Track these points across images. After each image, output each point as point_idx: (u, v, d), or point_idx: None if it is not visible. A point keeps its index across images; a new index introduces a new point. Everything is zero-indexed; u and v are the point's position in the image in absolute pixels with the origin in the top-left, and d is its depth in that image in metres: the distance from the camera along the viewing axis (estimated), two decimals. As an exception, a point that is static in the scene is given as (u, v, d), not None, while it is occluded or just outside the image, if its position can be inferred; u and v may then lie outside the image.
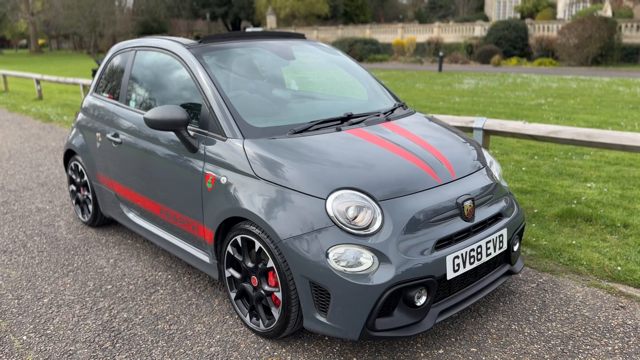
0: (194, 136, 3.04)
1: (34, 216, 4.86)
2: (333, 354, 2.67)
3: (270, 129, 2.92)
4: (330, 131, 2.96)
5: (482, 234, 2.73)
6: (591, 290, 3.21)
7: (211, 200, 2.92)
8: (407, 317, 2.48)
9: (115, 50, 4.11)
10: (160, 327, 2.98)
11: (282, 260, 2.55)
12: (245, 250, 2.79)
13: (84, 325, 3.02)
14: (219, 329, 2.94)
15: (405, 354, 2.65)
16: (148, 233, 3.65)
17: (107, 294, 3.37)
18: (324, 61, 3.85)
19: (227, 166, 2.84)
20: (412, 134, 3.08)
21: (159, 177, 3.32)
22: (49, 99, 14.33)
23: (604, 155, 6.56)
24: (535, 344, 2.69)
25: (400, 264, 2.40)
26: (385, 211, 2.49)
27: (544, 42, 27.12)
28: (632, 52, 25.15)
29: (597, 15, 25.44)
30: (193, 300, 3.26)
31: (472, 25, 32.88)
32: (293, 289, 2.55)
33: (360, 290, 2.37)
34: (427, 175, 2.71)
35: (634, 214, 4.34)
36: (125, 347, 2.79)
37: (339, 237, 2.43)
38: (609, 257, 3.59)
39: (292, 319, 2.62)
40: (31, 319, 3.10)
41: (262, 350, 2.73)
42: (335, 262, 2.40)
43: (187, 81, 3.25)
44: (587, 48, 24.46)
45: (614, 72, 22.53)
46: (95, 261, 3.86)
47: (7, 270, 3.75)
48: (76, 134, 4.41)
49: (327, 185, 2.53)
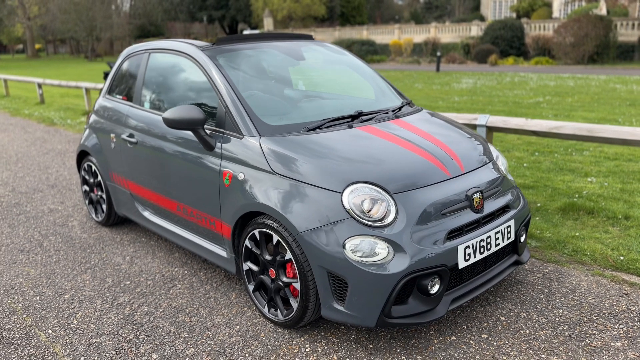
0: (211, 135, 3.15)
1: (47, 217, 4.95)
2: (350, 342, 2.78)
3: (285, 126, 3.03)
4: (342, 128, 3.07)
5: (491, 225, 2.84)
6: (595, 279, 3.33)
7: (229, 196, 3.03)
8: (421, 305, 2.59)
9: (128, 53, 4.22)
10: (180, 319, 3.08)
11: (300, 252, 2.65)
12: (263, 244, 2.90)
13: (107, 319, 3.12)
14: (238, 320, 3.05)
15: (419, 341, 2.76)
16: (164, 230, 3.76)
17: (126, 289, 3.47)
18: (332, 61, 3.96)
19: (244, 163, 2.95)
20: (421, 130, 3.20)
21: (175, 175, 3.43)
22: (50, 103, 14.41)
23: (603, 150, 6.69)
24: (544, 330, 2.80)
25: (414, 253, 2.51)
26: (398, 203, 2.60)
27: (541, 41, 27.29)
28: (627, 50, 25.33)
29: (592, 14, 25.62)
30: (211, 293, 3.36)
31: (468, 25, 33.06)
32: (311, 280, 2.66)
33: (377, 279, 2.47)
34: (437, 169, 2.82)
35: (634, 207, 4.45)
36: (148, 338, 2.90)
37: (355, 228, 2.54)
38: (612, 247, 3.71)
39: (310, 308, 2.72)
40: (54, 314, 3.20)
41: (281, 340, 2.83)
42: (352, 252, 2.51)
43: (202, 82, 3.36)
44: (583, 46, 24.64)
45: (610, 69, 22.71)
46: (111, 259, 3.96)
47: (26, 269, 3.84)
48: (89, 135, 4.51)
49: (343, 180, 2.64)
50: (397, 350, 2.69)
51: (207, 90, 3.33)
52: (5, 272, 3.79)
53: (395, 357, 2.64)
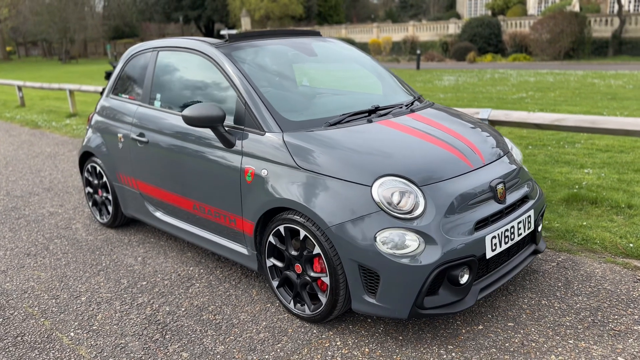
0: (229, 132, 3.13)
1: (48, 220, 4.87)
2: (379, 334, 2.80)
3: (306, 122, 3.03)
4: (361, 123, 3.09)
5: (513, 215, 2.89)
6: (608, 266, 3.41)
7: (251, 193, 3.02)
8: (451, 295, 2.62)
9: (133, 52, 4.16)
10: (205, 317, 3.06)
11: (330, 246, 2.66)
12: (289, 239, 2.90)
13: (128, 319, 3.09)
14: (263, 316, 3.04)
15: (448, 331, 2.79)
16: (178, 230, 3.73)
17: (144, 290, 3.44)
18: (342, 56, 3.98)
19: (267, 159, 2.95)
20: (438, 123, 3.23)
21: (192, 173, 3.40)
22: (31, 105, 14.12)
23: (594, 143, 6.84)
24: (567, 317, 2.86)
25: (445, 244, 2.54)
26: (427, 195, 2.63)
27: (517, 38, 27.73)
28: (602, 46, 25.90)
29: (567, 11, 26.13)
30: (231, 291, 3.35)
31: (446, 23, 33.41)
32: (341, 273, 2.67)
33: (409, 271, 2.50)
34: (460, 161, 2.86)
35: (634, 196, 4.57)
36: (175, 337, 2.88)
37: (385, 221, 2.56)
38: (620, 235, 3.80)
39: (339, 302, 2.74)
40: (74, 317, 3.15)
41: (310, 334, 2.84)
42: (383, 245, 2.53)
43: (218, 79, 3.34)
44: (560, 43, 25.11)
45: (586, 65, 23.21)
46: (122, 260, 3.91)
47: (36, 273, 3.77)
48: (93, 136, 4.44)
49: (371, 173, 2.66)
50: (427, 341, 2.72)
51: (222, 87, 3.31)
52: (15, 277, 3.72)
53: (427, 347, 2.67)
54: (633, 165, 5.64)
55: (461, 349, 2.64)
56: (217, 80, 3.36)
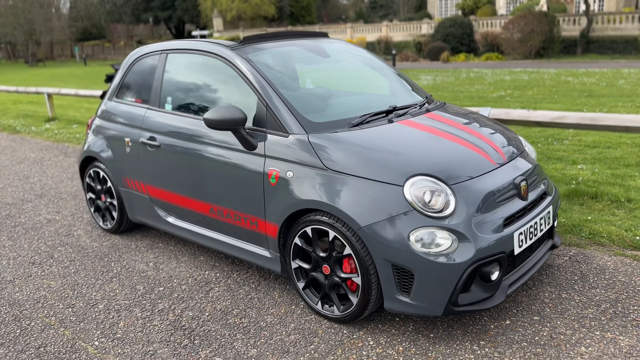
0: (250, 134, 3.12)
1: (47, 227, 4.75)
2: (410, 332, 2.83)
3: (329, 123, 3.04)
4: (383, 123, 3.11)
5: (535, 211, 2.96)
6: (619, 259, 3.52)
7: (275, 196, 3.01)
8: (483, 292, 2.67)
9: (138, 55, 4.10)
10: (231, 321, 3.04)
11: (361, 247, 2.68)
12: (316, 241, 2.90)
13: (152, 326, 3.05)
14: (289, 318, 3.04)
15: (477, 327, 2.84)
16: (192, 234, 3.68)
17: (162, 295, 3.39)
18: (353, 57, 4.00)
19: (292, 161, 2.94)
20: (456, 122, 3.28)
21: (209, 176, 3.37)
22: (5, 110, 13.73)
23: (581, 139, 7.02)
24: (589, 309, 2.94)
25: (478, 242, 2.58)
26: (456, 194, 2.67)
27: (489, 38, 28.23)
28: (570, 45, 26.58)
29: (537, 10, 26.73)
30: (252, 294, 3.33)
31: (418, 23, 33.79)
32: (373, 273, 2.69)
33: (444, 269, 2.53)
34: (484, 159, 2.91)
35: (631, 190, 4.72)
36: (205, 342, 2.85)
37: (418, 220, 2.59)
38: (624, 228, 3.92)
39: (371, 302, 2.75)
40: (94, 325, 3.09)
41: (341, 335, 2.85)
42: (417, 244, 2.56)
43: (234, 81, 3.32)
44: (530, 42, 25.66)
45: (556, 63, 23.76)
46: (134, 266, 3.85)
47: (45, 281, 3.68)
48: (95, 140, 4.35)
49: (402, 173, 2.68)
50: (459, 338, 2.76)
51: (240, 90, 3.29)
52: (24, 286, 3.62)
53: (459, 344, 2.71)
54: (622, 160, 5.81)
55: (493, 344, 2.69)
56: (233, 83, 3.34)
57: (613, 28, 25.81)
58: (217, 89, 3.49)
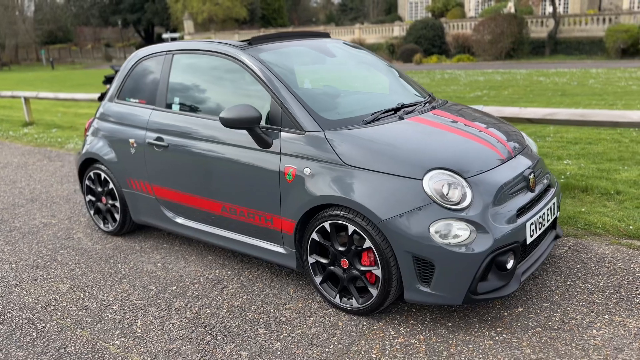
0: (265, 132, 3.17)
1: (44, 231, 4.69)
2: (428, 322, 2.92)
3: (343, 120, 3.12)
4: (393, 120, 3.20)
5: (542, 202, 3.09)
6: (615, 247, 3.68)
7: (292, 192, 3.07)
8: (499, 280, 2.78)
9: (141, 56, 4.09)
10: (250, 317, 3.08)
11: (382, 239, 2.76)
12: (334, 235, 2.97)
13: (171, 324, 3.06)
14: (308, 312, 3.09)
15: (491, 315, 2.95)
16: (203, 234, 3.70)
17: (176, 294, 3.40)
18: (357, 57, 4.08)
19: (310, 158, 3.00)
20: (462, 119, 3.40)
21: (221, 175, 3.40)
22: (-24, 115, 13.37)
23: (562, 136, 7.26)
24: (595, 295, 3.09)
25: (495, 232, 2.69)
26: (473, 186, 2.78)
27: (460, 39, 28.77)
28: (539, 46, 27.29)
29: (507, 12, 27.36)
30: (267, 290, 3.38)
31: (390, 26, 34.20)
32: (393, 265, 2.77)
33: (464, 259, 2.63)
34: (494, 153, 3.03)
35: (618, 183, 4.93)
36: (228, 338, 2.88)
37: (438, 212, 2.69)
38: (617, 219, 4.10)
39: (392, 293, 2.84)
40: (112, 325, 3.09)
41: (361, 326, 2.92)
42: (437, 235, 2.65)
43: (245, 81, 3.37)
44: (500, 43, 26.26)
45: (526, 64, 24.39)
46: (142, 267, 3.85)
47: (53, 284, 3.65)
48: (96, 142, 4.33)
49: (421, 167, 2.77)
50: (476, 325, 2.86)
51: (251, 89, 3.34)
52: (32, 290, 3.58)
53: (477, 331, 2.81)
54: (605, 155, 6.04)
55: (509, 330, 2.80)
56: (244, 83, 3.39)
57: (579, 29, 26.61)
58: (227, 89, 3.52)
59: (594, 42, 25.56)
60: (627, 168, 5.42)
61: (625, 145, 6.44)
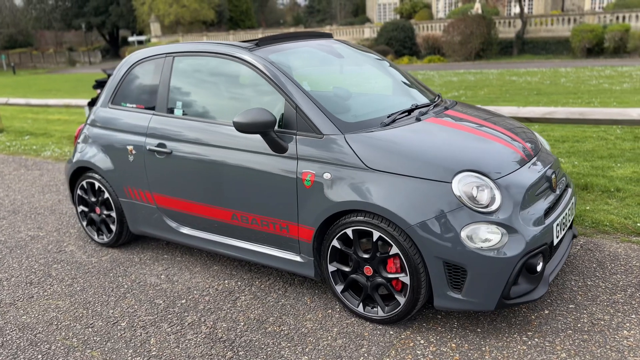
0: (280, 136, 3.05)
1: (33, 245, 4.44)
2: (456, 329, 2.84)
3: (361, 123, 3.02)
4: (411, 122, 3.12)
5: (564, 202, 3.06)
6: (627, 245, 3.69)
7: (311, 198, 2.95)
8: (529, 284, 2.72)
9: (137, 59, 3.90)
10: (270, 329, 2.95)
11: (410, 245, 2.67)
12: (357, 242, 2.86)
13: (186, 341, 2.91)
14: (330, 323, 2.98)
15: (519, 319, 2.89)
16: (210, 243, 3.54)
17: (187, 308, 3.24)
18: (363, 58, 3.99)
19: (330, 162, 2.89)
20: (478, 119, 3.34)
21: (231, 181, 3.26)
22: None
23: (550, 135, 7.33)
24: (617, 294, 3.07)
25: (526, 234, 2.63)
26: (501, 188, 2.71)
27: (431, 41, 29.07)
28: (507, 46, 27.81)
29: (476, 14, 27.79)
30: (282, 301, 3.25)
31: (361, 27, 34.34)
32: (422, 272, 2.69)
33: (497, 263, 2.57)
34: (517, 154, 2.98)
35: (615, 180, 4.97)
36: (251, 353, 2.75)
37: (468, 216, 2.61)
38: (623, 216, 4.12)
39: (420, 300, 2.75)
40: (123, 344, 2.91)
41: (388, 336, 2.82)
42: (469, 240, 2.58)
43: (255, 83, 3.24)
44: (470, 44, 26.64)
45: (496, 64, 24.79)
46: (145, 279, 3.66)
47: (52, 302, 3.44)
48: (88, 149, 4.11)
49: (449, 170, 2.70)
50: (505, 330, 2.80)
51: (261, 92, 3.21)
52: (29, 309, 3.37)
53: (508, 336, 2.75)
54: (595, 153, 6.11)
55: (540, 334, 2.74)
56: (253, 85, 3.26)
57: (545, 30, 27.22)
58: (234, 92, 3.39)
59: (560, 41, 26.18)
60: (620, 165, 5.48)
61: (612, 143, 6.54)
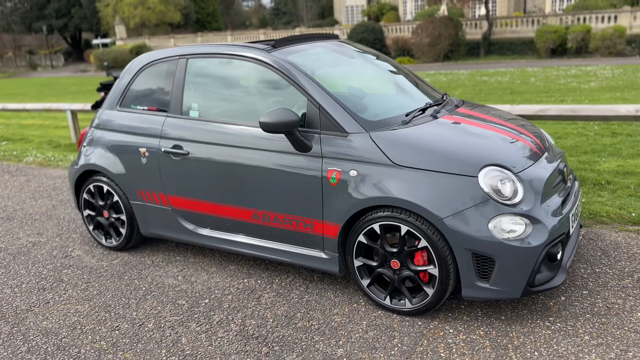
0: (304, 136, 3.11)
1: (36, 251, 4.37)
2: (481, 317, 2.96)
3: (383, 121, 3.11)
4: (428, 120, 3.23)
5: (574, 194, 3.22)
6: (626, 234, 3.89)
7: (337, 195, 3.03)
8: (550, 271, 2.86)
9: (147, 61, 3.89)
10: (300, 325, 3.01)
11: (438, 238, 2.78)
12: (384, 237, 2.95)
13: (218, 339, 2.94)
14: (358, 316, 3.06)
15: (538, 306, 3.03)
16: (230, 243, 3.57)
17: (212, 307, 3.27)
18: (371, 59, 4.07)
19: (355, 160, 2.98)
20: (488, 116, 3.48)
21: (252, 181, 3.30)
22: None
23: (531, 132, 7.58)
24: (625, 279, 3.24)
25: (549, 225, 2.77)
26: (524, 181, 2.85)
27: (400, 42, 29.44)
28: (474, 47, 28.42)
29: (443, 15, 28.31)
30: (306, 297, 3.31)
31: (331, 29, 34.52)
32: (451, 263, 2.80)
33: (523, 252, 2.69)
34: (531, 149, 3.12)
35: (603, 173, 5.21)
36: (286, 348, 2.80)
37: (495, 208, 2.73)
38: (618, 207, 4.34)
39: (448, 291, 2.86)
40: (154, 345, 2.92)
41: (417, 326, 2.92)
42: (496, 231, 2.70)
43: (274, 84, 3.29)
44: (439, 45, 27.12)
45: (464, 65, 25.31)
46: (162, 281, 3.67)
47: (70, 307, 3.41)
48: (96, 153, 4.08)
49: (475, 165, 2.81)
50: (528, 316, 2.93)
51: (281, 93, 3.27)
52: (49, 314, 3.33)
53: (532, 322, 2.88)
54: (579, 148, 6.37)
55: (561, 319, 2.89)
56: (272, 86, 3.31)
57: (510, 31, 27.94)
58: (253, 93, 3.43)
59: (525, 42, 26.90)
60: (605, 160, 5.74)
61: (592, 139, 6.82)
